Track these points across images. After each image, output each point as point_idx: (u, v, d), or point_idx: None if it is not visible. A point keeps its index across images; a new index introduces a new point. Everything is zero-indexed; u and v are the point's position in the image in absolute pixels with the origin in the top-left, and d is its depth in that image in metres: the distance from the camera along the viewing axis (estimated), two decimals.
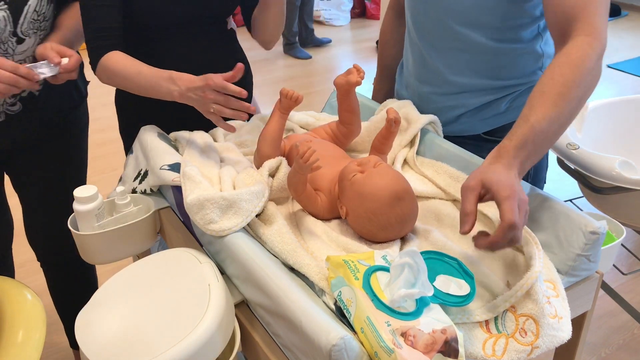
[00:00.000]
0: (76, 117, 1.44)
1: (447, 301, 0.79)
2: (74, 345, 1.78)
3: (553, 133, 0.87)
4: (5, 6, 1.14)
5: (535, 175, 1.21)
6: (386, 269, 0.82)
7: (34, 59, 1.22)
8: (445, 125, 1.25)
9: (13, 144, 1.33)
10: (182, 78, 1.14)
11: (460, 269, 0.83)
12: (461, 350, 0.72)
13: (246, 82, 1.50)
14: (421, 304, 0.76)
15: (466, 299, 0.79)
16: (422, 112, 1.25)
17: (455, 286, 0.81)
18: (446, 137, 1.24)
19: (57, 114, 1.37)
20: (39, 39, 1.23)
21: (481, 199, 0.83)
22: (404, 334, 0.71)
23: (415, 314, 0.75)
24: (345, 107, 1.17)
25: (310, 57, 4.83)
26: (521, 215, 0.79)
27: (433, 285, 0.79)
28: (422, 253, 0.80)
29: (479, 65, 1.14)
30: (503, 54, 1.11)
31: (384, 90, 1.49)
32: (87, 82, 1.47)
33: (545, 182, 1.30)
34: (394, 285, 0.77)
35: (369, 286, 0.78)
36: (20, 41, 1.19)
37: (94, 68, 1.24)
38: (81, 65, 1.38)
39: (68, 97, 1.40)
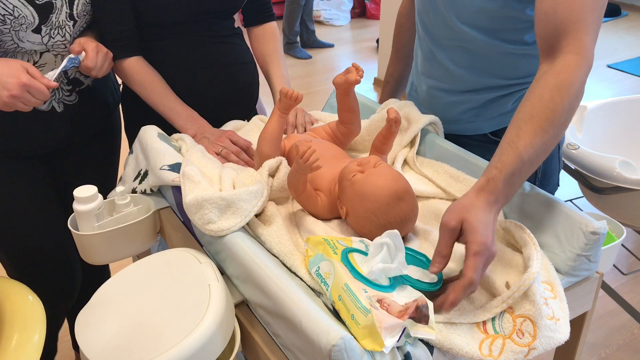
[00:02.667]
0: (114, 122, 1.46)
1: (418, 286, 0.82)
2: (75, 346, 1.77)
3: (538, 161, 0.87)
4: None
5: (544, 179, 1.20)
6: (363, 253, 0.85)
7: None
8: (451, 123, 1.24)
9: (68, 138, 1.33)
10: (204, 126, 1.28)
11: (428, 264, 0.86)
12: (431, 316, 0.75)
13: (253, 82, 1.50)
14: (395, 282, 0.80)
15: (435, 285, 0.83)
16: (429, 108, 1.25)
17: (425, 276, 0.85)
18: (452, 135, 1.23)
19: (102, 111, 1.39)
20: (86, 24, 1.25)
21: (458, 237, 0.84)
22: (379, 301, 0.75)
23: (390, 288, 0.79)
24: (345, 107, 1.17)
25: (310, 57, 4.83)
26: (484, 271, 0.80)
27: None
28: None
29: (484, 64, 1.14)
30: (507, 54, 1.11)
31: (397, 74, 1.47)
32: (120, 88, 1.48)
33: (559, 186, 1.26)
34: (372, 261, 0.80)
35: (347, 260, 0.82)
36: (75, 24, 1.20)
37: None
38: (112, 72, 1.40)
39: (111, 93, 1.42)
